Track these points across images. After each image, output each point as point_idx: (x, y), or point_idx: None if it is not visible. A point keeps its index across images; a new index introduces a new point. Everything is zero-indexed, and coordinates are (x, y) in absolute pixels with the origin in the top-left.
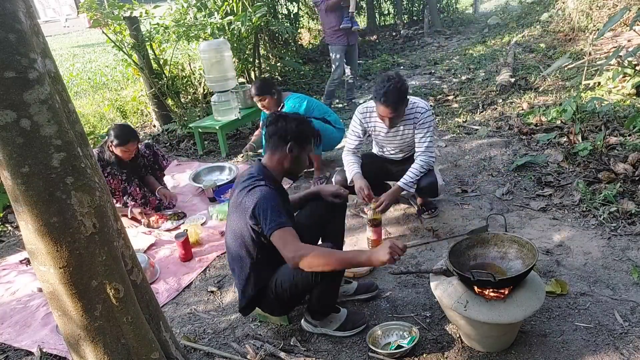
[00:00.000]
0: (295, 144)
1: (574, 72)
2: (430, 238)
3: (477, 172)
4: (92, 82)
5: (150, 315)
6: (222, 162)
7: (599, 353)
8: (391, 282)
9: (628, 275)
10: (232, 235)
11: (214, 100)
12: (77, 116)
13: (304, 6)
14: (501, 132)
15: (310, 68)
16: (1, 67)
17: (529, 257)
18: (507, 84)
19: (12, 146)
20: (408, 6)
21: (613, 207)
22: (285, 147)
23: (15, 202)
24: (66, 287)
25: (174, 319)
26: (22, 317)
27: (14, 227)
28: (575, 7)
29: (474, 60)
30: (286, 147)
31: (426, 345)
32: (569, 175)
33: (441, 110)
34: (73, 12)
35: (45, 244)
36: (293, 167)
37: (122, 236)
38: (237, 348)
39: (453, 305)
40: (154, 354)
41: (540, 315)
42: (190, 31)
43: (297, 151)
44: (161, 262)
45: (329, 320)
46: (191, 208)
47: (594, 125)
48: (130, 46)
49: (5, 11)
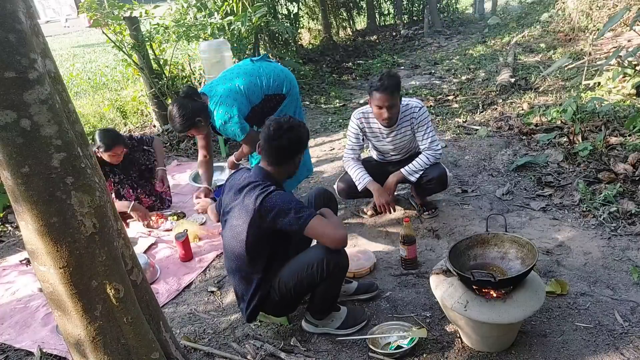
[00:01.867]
0: (297, 154)
1: (574, 72)
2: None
3: (477, 172)
4: (92, 82)
5: (150, 315)
6: (222, 162)
7: (599, 353)
8: (391, 282)
9: (628, 275)
10: (233, 236)
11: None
12: (77, 116)
13: (304, 6)
14: (501, 132)
15: (310, 68)
16: (1, 67)
17: (529, 257)
18: (507, 84)
19: (12, 146)
20: (408, 6)
21: (613, 207)
22: (294, 159)
23: (15, 202)
24: (66, 287)
25: (174, 319)
26: (22, 317)
27: (14, 227)
28: (575, 7)
29: (474, 60)
30: (296, 158)
31: (426, 345)
32: (569, 175)
33: (441, 110)
34: (73, 12)
35: (45, 244)
36: (289, 175)
37: (122, 236)
38: (237, 348)
39: (453, 305)
40: (154, 354)
41: (540, 315)
42: (190, 31)
43: (299, 157)
44: (161, 262)
45: (330, 319)
46: (191, 208)
47: (594, 125)
48: (130, 46)
49: (5, 11)
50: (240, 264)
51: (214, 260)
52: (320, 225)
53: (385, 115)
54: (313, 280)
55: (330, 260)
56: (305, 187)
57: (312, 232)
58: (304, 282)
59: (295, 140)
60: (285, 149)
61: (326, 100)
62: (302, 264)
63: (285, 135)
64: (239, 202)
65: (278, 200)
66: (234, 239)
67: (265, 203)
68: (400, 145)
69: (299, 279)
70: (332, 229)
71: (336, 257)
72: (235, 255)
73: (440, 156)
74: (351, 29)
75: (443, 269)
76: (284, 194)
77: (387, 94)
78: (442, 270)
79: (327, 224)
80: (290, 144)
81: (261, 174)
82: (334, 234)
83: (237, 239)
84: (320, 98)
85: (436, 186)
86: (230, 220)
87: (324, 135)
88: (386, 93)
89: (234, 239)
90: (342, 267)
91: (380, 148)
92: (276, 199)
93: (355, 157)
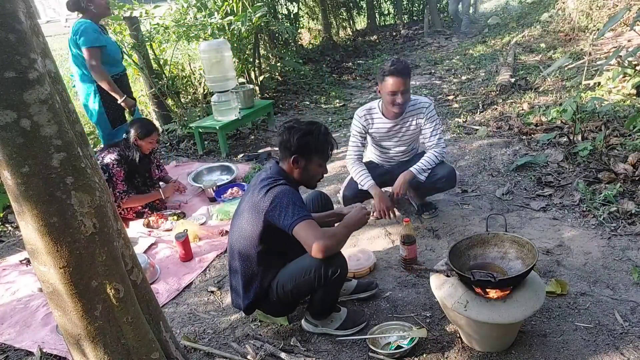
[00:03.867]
0: (299, 156)
1: (574, 72)
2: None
3: (477, 172)
4: None
5: (150, 315)
6: (222, 162)
7: (599, 353)
8: (391, 282)
9: (628, 275)
10: (240, 234)
11: (214, 100)
12: (77, 116)
13: (304, 6)
14: (501, 132)
15: (310, 68)
16: (1, 67)
17: (529, 257)
18: (507, 84)
19: (12, 146)
20: (408, 6)
21: (613, 207)
22: (290, 159)
23: (15, 202)
24: (66, 287)
25: (174, 319)
26: (22, 317)
27: (14, 227)
28: (575, 7)
29: (474, 60)
30: (290, 159)
31: (426, 345)
32: (569, 175)
33: (441, 110)
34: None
35: (46, 243)
36: (303, 178)
37: (122, 236)
38: (237, 348)
39: (453, 305)
40: (154, 354)
41: (540, 315)
42: (190, 31)
43: (304, 163)
44: (161, 262)
45: (330, 320)
46: (191, 208)
47: (594, 125)
48: (130, 46)
49: (5, 11)
50: (242, 258)
51: (214, 260)
52: (305, 230)
53: (399, 100)
54: (311, 285)
55: (328, 267)
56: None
57: (297, 235)
58: (301, 286)
59: (293, 143)
60: (287, 143)
61: (326, 100)
62: (301, 269)
63: (289, 132)
64: (250, 194)
65: (280, 193)
66: (239, 229)
67: (269, 192)
68: (404, 139)
69: (297, 283)
70: (316, 237)
71: (335, 265)
72: (238, 248)
73: (446, 154)
74: (351, 29)
75: (443, 269)
76: (290, 190)
77: (401, 78)
78: (442, 270)
79: (314, 231)
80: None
81: (275, 169)
82: (315, 243)
83: (242, 230)
84: (320, 98)
85: (445, 184)
86: (239, 215)
87: None
88: (400, 77)
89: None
90: (340, 275)
91: (384, 144)
92: (279, 191)
93: (358, 157)
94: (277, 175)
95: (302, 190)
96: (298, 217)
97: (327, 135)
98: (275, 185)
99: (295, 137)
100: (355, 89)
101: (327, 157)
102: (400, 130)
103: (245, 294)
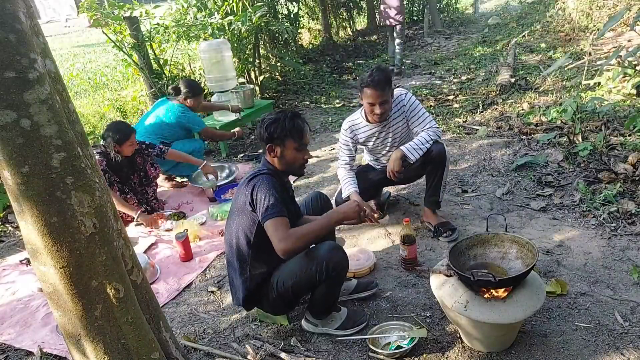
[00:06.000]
0: (273, 145)
1: (574, 72)
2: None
3: (477, 172)
4: (92, 82)
5: (150, 315)
6: (222, 162)
7: (599, 353)
8: (391, 282)
9: (628, 275)
10: (232, 226)
11: (214, 100)
12: (77, 116)
13: (304, 6)
14: (501, 132)
15: (310, 68)
16: (1, 67)
17: (529, 257)
18: (507, 84)
19: (12, 146)
20: (408, 6)
21: (613, 207)
22: (266, 149)
23: (15, 201)
24: (66, 287)
25: (174, 319)
26: (23, 317)
27: (14, 227)
28: (575, 7)
29: (474, 60)
30: (267, 149)
31: (426, 345)
32: (569, 175)
33: (441, 110)
34: (73, 12)
35: (46, 243)
36: (284, 165)
37: (122, 236)
38: (237, 348)
39: (453, 305)
40: (154, 354)
41: (540, 315)
42: (191, 31)
43: (279, 150)
44: (161, 262)
45: (330, 319)
46: (191, 208)
47: (594, 125)
48: (130, 46)
49: (5, 11)
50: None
51: (214, 260)
52: (273, 228)
53: (377, 111)
54: (311, 281)
55: (329, 262)
56: (303, 189)
57: (267, 231)
58: (302, 282)
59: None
60: (260, 134)
61: (326, 100)
62: (302, 264)
63: (260, 124)
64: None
65: (256, 185)
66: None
67: (249, 184)
68: (395, 137)
69: (298, 278)
70: (279, 238)
71: (336, 259)
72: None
73: (441, 133)
74: (351, 29)
75: (443, 269)
76: (266, 180)
77: (379, 90)
78: (442, 270)
79: (279, 231)
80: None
81: (263, 162)
82: (277, 242)
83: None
84: (320, 98)
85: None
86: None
87: (324, 135)
88: (377, 89)
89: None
90: (341, 270)
91: (374, 150)
92: (256, 181)
93: (347, 167)
94: (263, 167)
95: (302, 190)
96: (270, 212)
97: (293, 119)
98: (255, 176)
99: (264, 127)
100: (355, 89)
101: (301, 140)
102: (389, 131)
103: (242, 285)
